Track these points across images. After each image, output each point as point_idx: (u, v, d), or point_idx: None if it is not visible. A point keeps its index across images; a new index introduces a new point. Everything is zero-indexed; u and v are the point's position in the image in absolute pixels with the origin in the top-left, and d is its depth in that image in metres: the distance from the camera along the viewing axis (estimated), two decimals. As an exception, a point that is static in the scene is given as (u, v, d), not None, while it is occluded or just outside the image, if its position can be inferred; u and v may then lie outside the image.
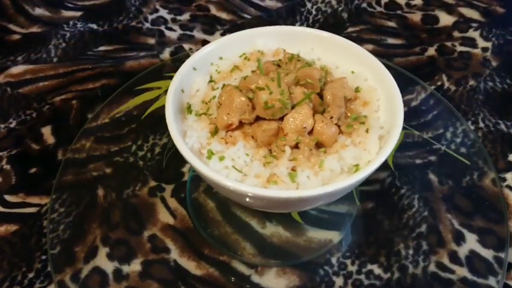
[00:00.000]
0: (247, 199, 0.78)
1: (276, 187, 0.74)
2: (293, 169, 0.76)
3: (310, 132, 0.78)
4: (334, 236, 0.94)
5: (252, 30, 0.97)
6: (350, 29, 1.41)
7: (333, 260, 0.90)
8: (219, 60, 0.95)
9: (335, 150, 0.78)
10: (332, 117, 0.78)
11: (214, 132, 0.81)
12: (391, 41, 1.37)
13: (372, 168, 0.74)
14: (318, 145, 0.79)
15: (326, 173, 0.75)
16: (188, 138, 0.81)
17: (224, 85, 0.83)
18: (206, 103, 0.86)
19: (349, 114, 0.82)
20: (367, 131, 0.80)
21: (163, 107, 0.83)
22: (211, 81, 0.91)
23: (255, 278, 0.88)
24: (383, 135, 0.81)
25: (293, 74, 0.81)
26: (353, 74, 0.90)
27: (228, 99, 0.78)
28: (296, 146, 0.78)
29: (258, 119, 0.79)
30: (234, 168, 0.77)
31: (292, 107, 0.78)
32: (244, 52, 0.96)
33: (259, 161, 0.77)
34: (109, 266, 0.89)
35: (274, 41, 0.97)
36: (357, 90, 0.87)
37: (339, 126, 0.80)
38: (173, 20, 1.45)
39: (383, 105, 0.86)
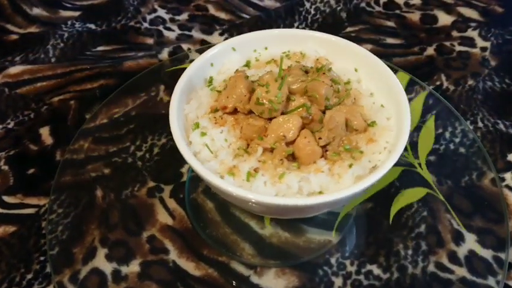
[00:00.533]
0: (225, 195, 0.78)
1: (231, 180, 0.75)
2: (256, 170, 0.76)
3: (292, 143, 0.77)
4: (333, 236, 0.93)
5: (308, 32, 0.99)
6: (349, 29, 1.41)
7: (332, 261, 0.90)
8: (263, 49, 0.96)
9: (307, 170, 0.76)
10: (320, 138, 0.77)
11: (214, 110, 0.83)
12: (390, 40, 1.37)
13: (327, 198, 0.71)
14: (296, 159, 0.77)
15: (282, 186, 0.74)
16: (189, 105, 0.85)
17: (237, 70, 0.86)
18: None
19: (344, 143, 0.79)
20: (350, 165, 0.76)
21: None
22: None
23: (254, 279, 0.88)
24: (363, 176, 0.76)
25: (305, 83, 0.80)
26: (381, 108, 0.86)
27: (233, 84, 0.81)
28: (272, 151, 0.77)
29: (252, 112, 0.80)
30: (207, 147, 0.78)
31: (286, 114, 0.78)
32: (289, 49, 0.96)
33: (232, 150, 0.79)
34: (107, 267, 0.89)
35: (323, 49, 0.95)
36: (371, 124, 0.82)
37: (326, 150, 0.78)
38: (172, 20, 1.45)
39: (389, 149, 0.80)
